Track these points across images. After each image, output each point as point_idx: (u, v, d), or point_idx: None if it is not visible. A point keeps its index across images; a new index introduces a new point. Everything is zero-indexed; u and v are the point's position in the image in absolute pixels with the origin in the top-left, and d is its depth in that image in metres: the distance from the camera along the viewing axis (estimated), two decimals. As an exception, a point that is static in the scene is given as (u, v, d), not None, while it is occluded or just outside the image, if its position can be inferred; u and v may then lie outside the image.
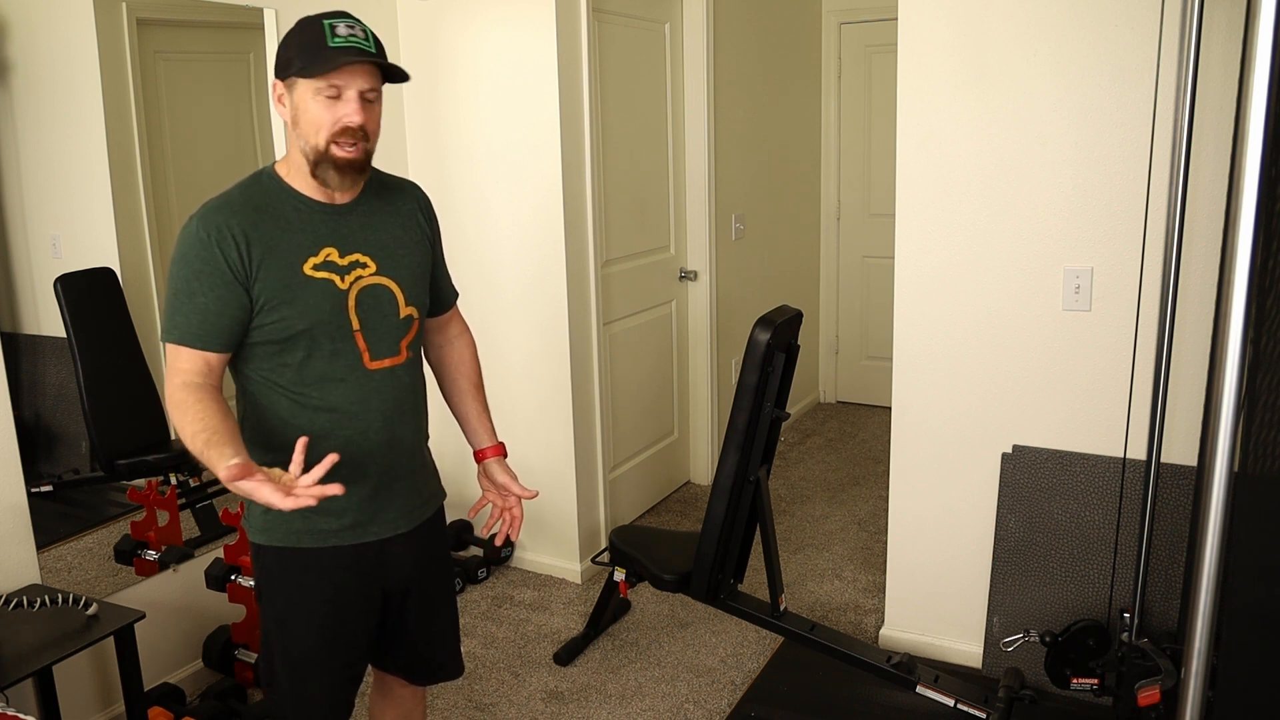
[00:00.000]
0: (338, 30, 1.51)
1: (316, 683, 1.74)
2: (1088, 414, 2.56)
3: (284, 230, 1.58)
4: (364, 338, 1.64)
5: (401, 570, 1.78)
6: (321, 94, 1.52)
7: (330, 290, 1.60)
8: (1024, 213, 2.55)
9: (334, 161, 1.55)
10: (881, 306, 5.12)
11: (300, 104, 1.54)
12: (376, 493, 1.70)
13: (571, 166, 3.23)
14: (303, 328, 1.58)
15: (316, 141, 1.54)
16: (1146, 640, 2.33)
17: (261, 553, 1.70)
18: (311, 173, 1.58)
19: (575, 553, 3.46)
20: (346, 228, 1.64)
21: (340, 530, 1.68)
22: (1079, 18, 2.40)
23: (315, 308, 1.58)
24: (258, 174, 1.64)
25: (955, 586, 2.82)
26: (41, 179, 2.39)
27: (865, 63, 5.04)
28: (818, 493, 4.20)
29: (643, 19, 3.72)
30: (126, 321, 2.57)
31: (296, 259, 1.58)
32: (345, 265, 1.62)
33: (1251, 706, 1.76)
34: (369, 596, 1.75)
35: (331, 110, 1.53)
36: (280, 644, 1.73)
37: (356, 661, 1.79)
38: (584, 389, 3.42)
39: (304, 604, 1.70)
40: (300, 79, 1.53)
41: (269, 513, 1.65)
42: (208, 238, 1.53)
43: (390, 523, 1.73)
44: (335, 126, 1.53)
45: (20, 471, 2.32)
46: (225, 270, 1.53)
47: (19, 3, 2.30)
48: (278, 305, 1.56)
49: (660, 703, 2.72)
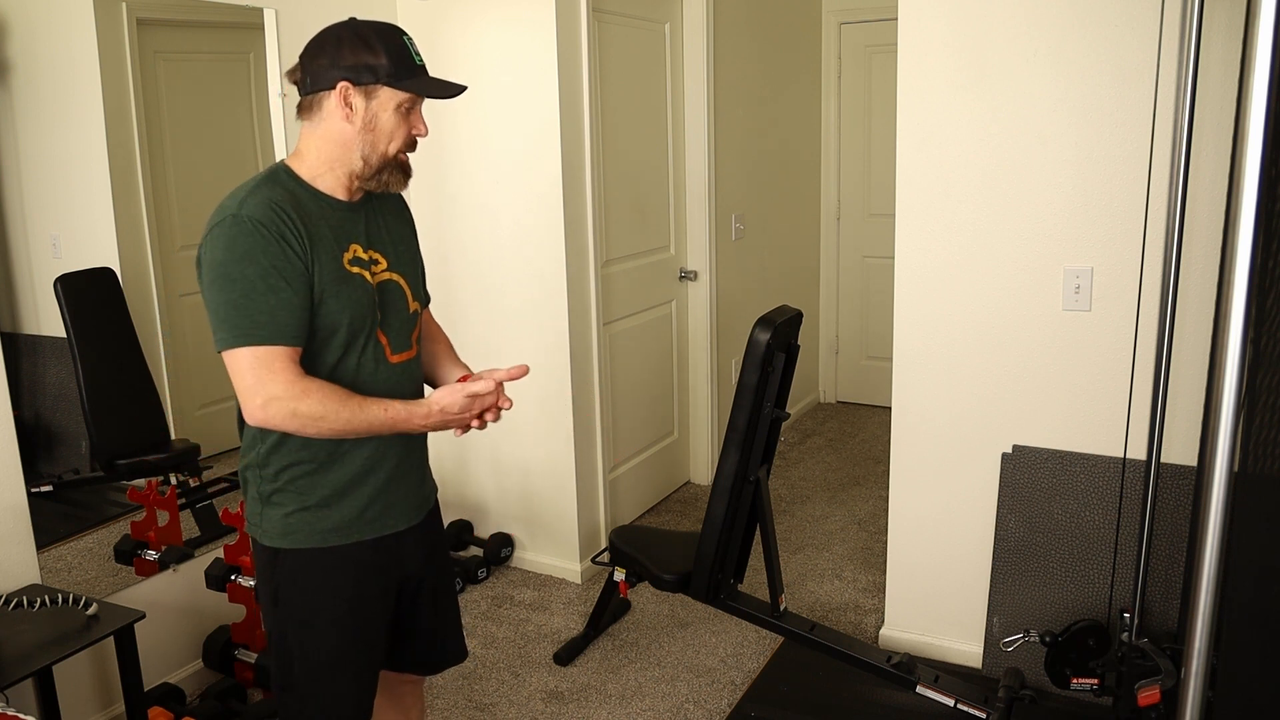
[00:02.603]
0: (416, 49, 1.61)
1: (342, 684, 1.74)
2: (1088, 414, 2.56)
3: (319, 225, 1.59)
4: (385, 333, 1.67)
5: (415, 562, 1.81)
6: (402, 107, 1.59)
7: (364, 285, 1.63)
8: (1024, 213, 2.55)
9: (402, 166, 1.65)
10: (881, 306, 5.12)
11: (380, 113, 1.58)
12: (394, 484, 1.73)
13: (571, 166, 3.23)
14: (345, 321, 1.60)
15: (387, 149, 1.61)
16: (1146, 640, 2.33)
17: (280, 557, 1.68)
18: (368, 177, 1.62)
19: (575, 553, 3.46)
20: (361, 225, 1.67)
21: (362, 525, 1.70)
22: (1079, 18, 2.40)
23: (356, 301, 1.61)
24: (274, 172, 1.62)
25: (955, 586, 2.82)
26: (41, 179, 2.39)
27: (865, 63, 5.04)
28: (818, 493, 4.20)
29: (643, 19, 3.72)
30: (126, 321, 2.57)
31: (337, 252, 1.60)
32: (368, 260, 1.65)
33: (1251, 706, 1.76)
34: (386, 593, 1.77)
35: (408, 124, 1.61)
36: (300, 648, 1.72)
37: (377, 660, 1.80)
38: (584, 389, 3.42)
39: (326, 605, 1.70)
40: (388, 88, 1.57)
41: (292, 515, 1.66)
42: (271, 233, 1.50)
43: (404, 514, 1.76)
44: (409, 139, 1.63)
45: (20, 471, 2.32)
46: (297, 261, 1.52)
47: (19, 3, 2.30)
48: (328, 299, 1.57)
49: (660, 703, 2.72)
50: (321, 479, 1.65)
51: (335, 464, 1.65)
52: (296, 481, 1.65)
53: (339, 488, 1.66)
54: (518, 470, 3.52)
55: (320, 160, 1.61)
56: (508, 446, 3.51)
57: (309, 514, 1.66)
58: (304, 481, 1.65)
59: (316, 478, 1.65)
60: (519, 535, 3.58)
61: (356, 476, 1.67)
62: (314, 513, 1.66)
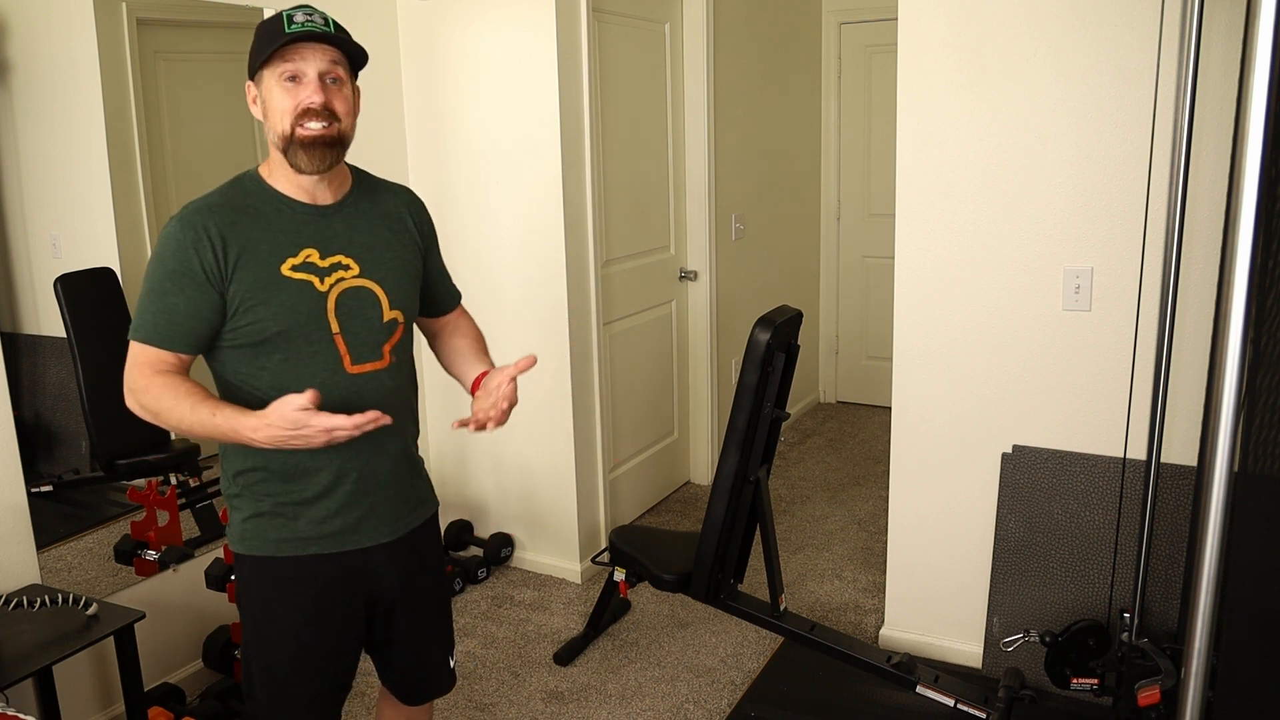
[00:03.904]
0: (295, 18, 1.53)
1: (293, 695, 1.71)
2: (1088, 414, 2.56)
3: (263, 231, 1.57)
4: (344, 341, 1.61)
5: (387, 580, 1.74)
6: (283, 80, 1.54)
7: (308, 292, 1.58)
8: (1024, 213, 2.55)
9: (300, 142, 1.54)
10: (881, 306, 5.12)
11: (266, 95, 1.56)
12: (358, 499, 1.67)
13: (571, 166, 3.23)
14: (278, 329, 1.56)
15: (283, 127, 1.54)
16: (1146, 640, 2.33)
17: (241, 562, 1.68)
18: (288, 162, 1.57)
19: (575, 553, 3.46)
20: (330, 229, 1.62)
21: (321, 538, 1.66)
22: (1079, 18, 2.40)
23: (292, 309, 1.57)
24: (240, 176, 1.63)
25: (955, 586, 2.82)
26: (41, 179, 2.39)
27: (865, 63, 5.04)
28: (818, 493, 4.20)
29: (643, 19, 3.72)
30: (126, 321, 2.56)
31: (274, 260, 1.57)
32: (326, 267, 1.60)
33: (1251, 706, 1.76)
34: (351, 607, 1.72)
35: (293, 94, 1.54)
36: (259, 655, 1.71)
37: (339, 673, 1.75)
38: (584, 389, 3.42)
39: (282, 615, 1.68)
40: (264, 70, 1.55)
41: (248, 520, 1.65)
42: (184, 239, 1.53)
43: (373, 531, 1.70)
44: (297, 109, 1.54)
45: (20, 471, 2.32)
46: (199, 272, 1.53)
47: (19, 3, 2.30)
48: (253, 306, 1.55)
49: (660, 703, 2.72)
50: (275, 488, 1.63)
51: (291, 475, 1.62)
52: (252, 487, 1.64)
53: (294, 499, 1.63)
54: (518, 470, 3.52)
55: (271, 161, 1.62)
56: (508, 446, 3.51)
57: (264, 520, 1.64)
58: (259, 488, 1.64)
59: (271, 485, 1.63)
60: (519, 535, 3.58)
61: (315, 491, 1.64)
62: (269, 520, 1.64)
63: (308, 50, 1.53)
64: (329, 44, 1.55)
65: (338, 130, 1.57)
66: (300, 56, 1.53)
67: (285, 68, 1.53)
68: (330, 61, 1.56)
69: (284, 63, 1.53)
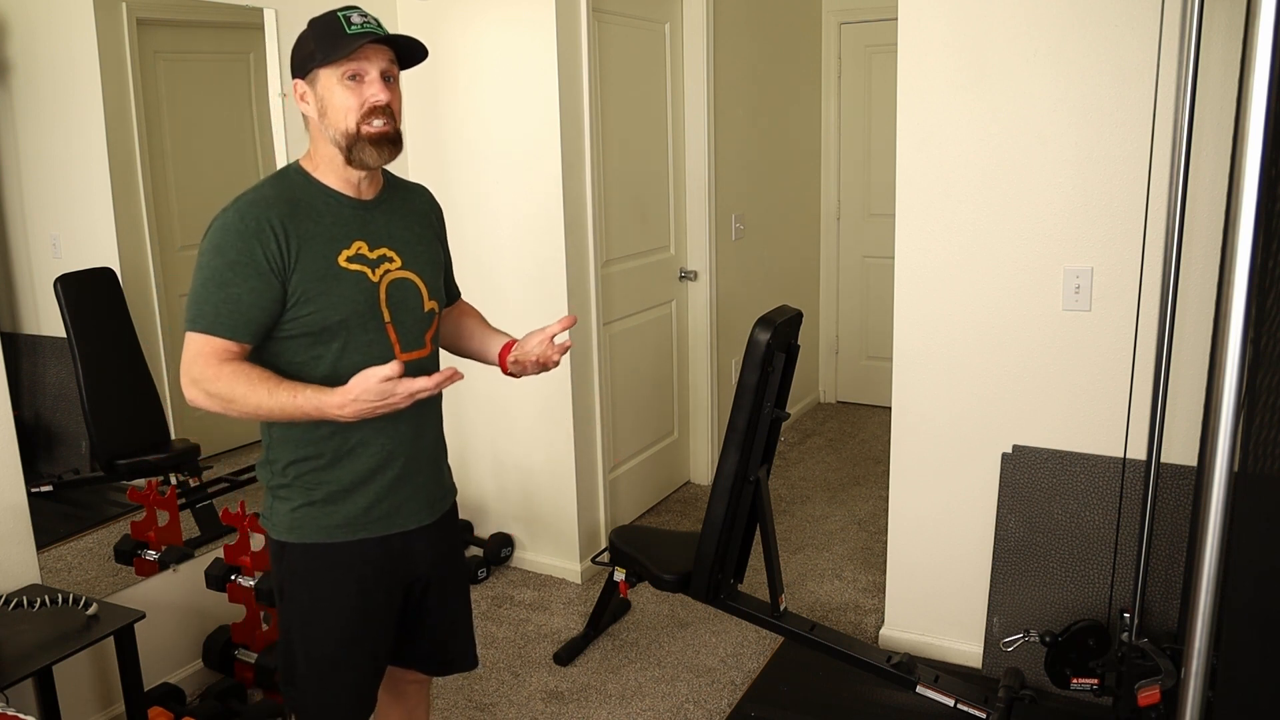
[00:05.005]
0: (352, 19, 1.58)
1: (342, 680, 1.76)
2: (1087, 414, 2.56)
3: (316, 224, 1.61)
4: (395, 330, 1.68)
5: (423, 563, 1.81)
6: (345, 79, 1.58)
7: (364, 282, 1.64)
8: (1024, 213, 2.55)
9: (369, 139, 1.59)
10: (881, 306, 5.12)
11: (325, 94, 1.59)
12: (403, 483, 1.73)
13: (571, 166, 3.23)
14: (338, 319, 1.61)
15: (347, 125, 1.59)
16: (1146, 640, 2.33)
17: (287, 550, 1.71)
18: (347, 160, 1.61)
19: (575, 553, 3.46)
20: (374, 222, 1.68)
21: (370, 522, 1.71)
22: (1079, 18, 2.40)
23: (350, 299, 1.62)
24: (284, 170, 1.68)
25: (955, 586, 2.82)
26: (41, 179, 2.39)
27: (865, 63, 5.04)
28: (818, 493, 4.20)
29: (643, 19, 3.72)
30: (126, 321, 2.57)
31: (330, 252, 1.61)
32: (374, 259, 1.66)
33: (1251, 706, 1.76)
34: (392, 592, 1.78)
35: (357, 93, 1.59)
36: (303, 642, 1.74)
37: (380, 656, 1.81)
38: (584, 389, 3.42)
39: (331, 601, 1.72)
40: (323, 69, 1.58)
41: (298, 510, 1.68)
42: (246, 229, 1.55)
43: (415, 514, 1.77)
44: (364, 107, 1.58)
45: (20, 471, 2.32)
46: (262, 262, 1.55)
47: (19, 3, 2.30)
48: (314, 297, 1.59)
49: (660, 703, 2.72)
50: (328, 475, 1.67)
51: (342, 461, 1.67)
52: (303, 477, 1.68)
53: (346, 484, 1.68)
54: (518, 470, 3.52)
55: (318, 156, 1.66)
56: (508, 446, 3.51)
57: (315, 509, 1.68)
58: (310, 477, 1.68)
59: (323, 474, 1.67)
60: (519, 535, 3.58)
61: (364, 474, 1.69)
62: (320, 508, 1.68)
63: (370, 50, 1.58)
64: (387, 44, 1.61)
65: (396, 127, 1.63)
66: (364, 56, 1.58)
67: (349, 67, 1.58)
68: (389, 61, 1.62)
69: (348, 62, 1.58)
